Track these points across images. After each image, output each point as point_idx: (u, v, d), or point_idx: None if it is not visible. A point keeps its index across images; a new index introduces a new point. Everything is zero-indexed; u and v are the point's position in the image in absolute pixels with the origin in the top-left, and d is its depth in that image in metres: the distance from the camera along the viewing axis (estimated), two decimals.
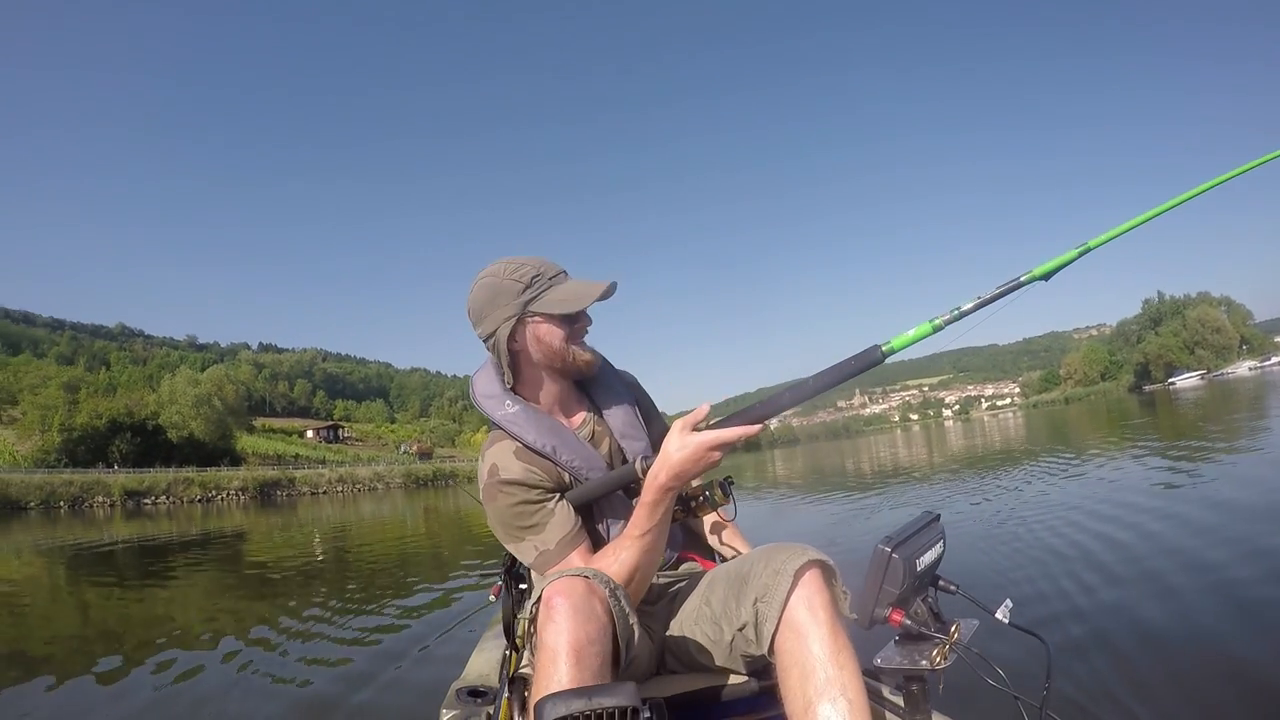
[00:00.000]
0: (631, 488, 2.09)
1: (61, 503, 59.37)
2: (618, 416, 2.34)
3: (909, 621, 1.94)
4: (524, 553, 2.09)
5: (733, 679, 2.07)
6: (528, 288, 2.11)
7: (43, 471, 68.97)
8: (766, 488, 23.99)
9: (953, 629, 1.94)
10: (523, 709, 1.55)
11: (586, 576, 1.70)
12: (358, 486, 77.12)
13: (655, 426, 2.44)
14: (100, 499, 62.15)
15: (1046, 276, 1.77)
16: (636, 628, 1.77)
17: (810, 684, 1.66)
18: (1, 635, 9.00)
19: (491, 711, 2.31)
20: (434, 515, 30.29)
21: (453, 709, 2.39)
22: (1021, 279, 1.75)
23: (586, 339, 2.23)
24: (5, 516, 47.59)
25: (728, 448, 1.87)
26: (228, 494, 69.08)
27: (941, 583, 2.11)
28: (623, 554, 1.92)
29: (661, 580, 2.32)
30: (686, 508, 2.09)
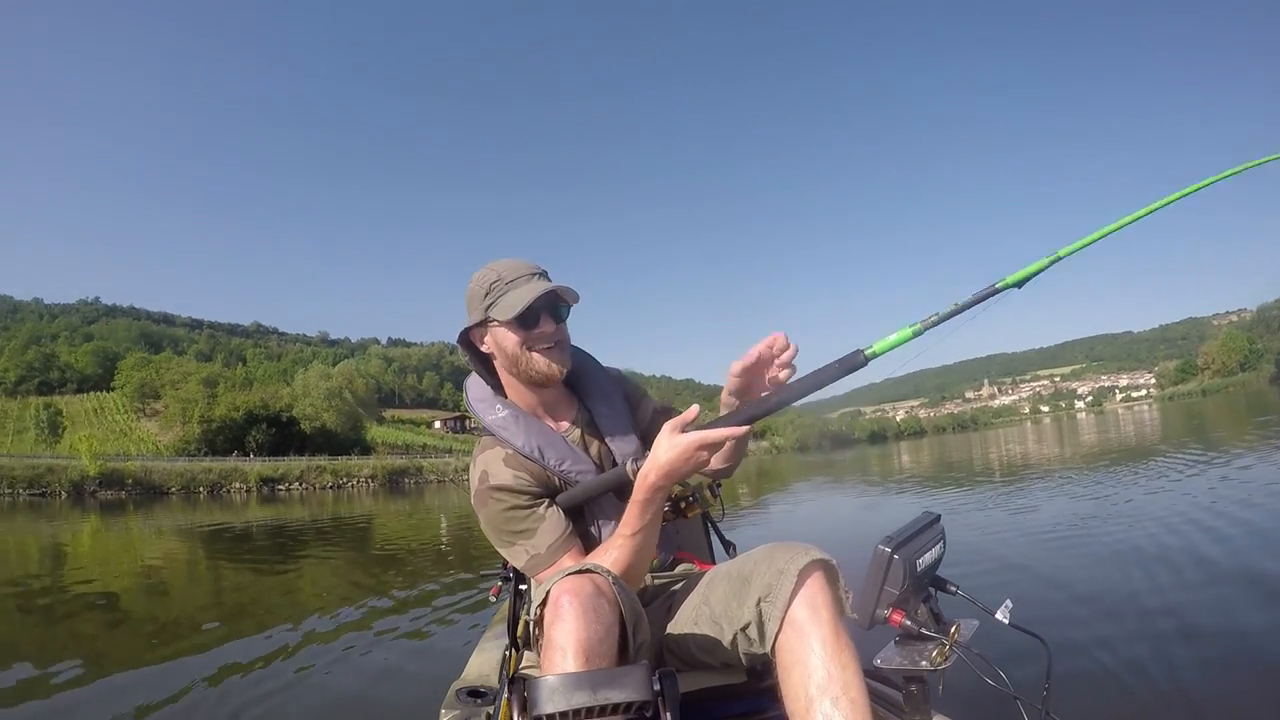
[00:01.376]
0: (623, 490, 2.08)
1: (201, 488, 62.44)
2: (607, 418, 2.34)
3: (909, 622, 1.96)
4: (515, 557, 2.11)
5: (732, 678, 2.08)
6: (488, 293, 2.12)
7: (184, 460, 73.03)
8: (881, 480, 23.59)
9: (953, 629, 1.95)
10: (523, 709, 1.53)
11: (591, 572, 1.72)
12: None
13: (645, 407, 2.46)
14: (237, 485, 64.91)
15: (1020, 284, 1.82)
16: (643, 615, 1.81)
17: (812, 683, 1.67)
18: (142, 607, 9.86)
19: (491, 712, 2.33)
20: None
21: (452, 709, 2.41)
22: (997, 286, 1.82)
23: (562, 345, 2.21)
24: (149, 501, 50.58)
25: (716, 447, 1.86)
26: (358, 481, 70.90)
27: (942, 583, 2.13)
28: (613, 552, 1.94)
29: (658, 581, 2.36)
30: (676, 509, 2.13)
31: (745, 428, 1.88)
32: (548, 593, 1.68)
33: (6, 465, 59.79)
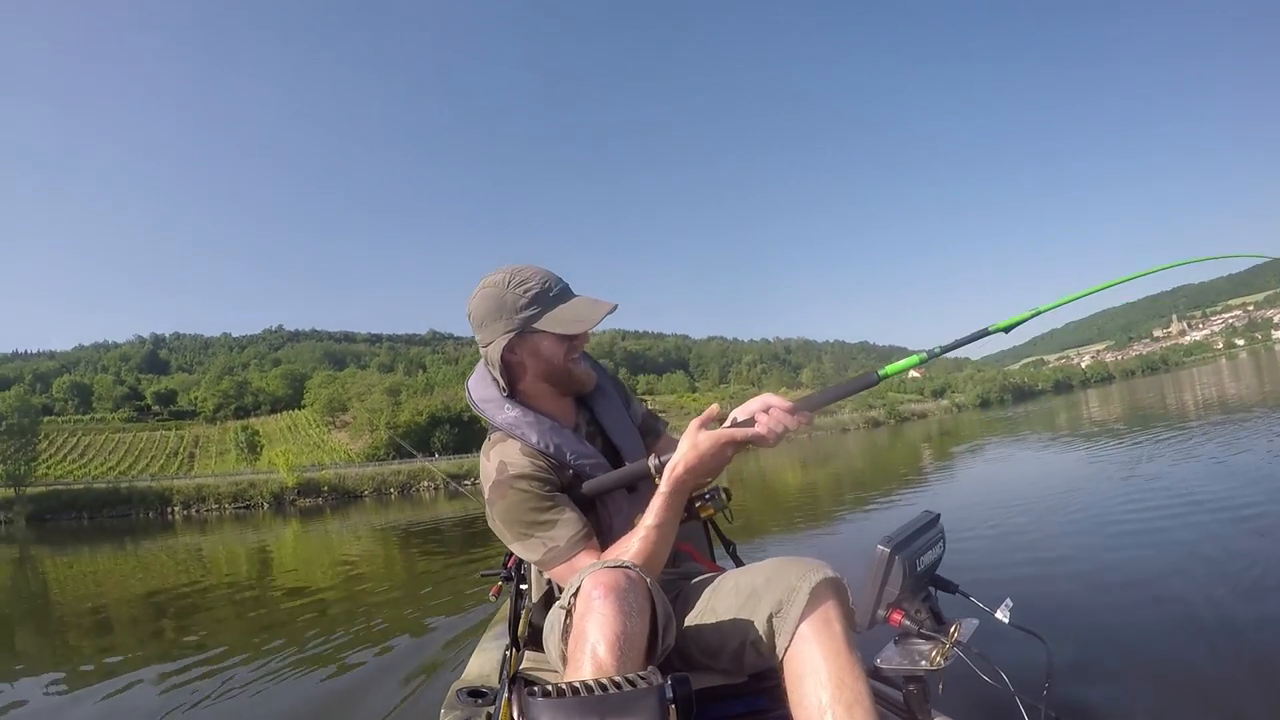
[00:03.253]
0: (636, 486, 2.18)
1: (391, 490, 65.67)
2: (609, 414, 2.39)
3: (909, 622, 1.98)
4: (531, 550, 2.08)
5: (733, 678, 2.08)
6: (531, 304, 2.11)
7: (374, 465, 77.98)
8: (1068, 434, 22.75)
9: (952, 629, 1.95)
10: (523, 710, 1.41)
11: (626, 567, 1.72)
12: None
13: (635, 407, 2.53)
14: (425, 484, 67.74)
15: (1007, 329, 2.01)
16: (673, 616, 1.82)
17: (825, 692, 1.68)
18: (346, 596, 10.80)
19: (492, 712, 2.34)
20: (736, 480, 30.60)
21: (453, 710, 2.42)
22: (989, 329, 2.02)
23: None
24: (345, 505, 54.28)
25: (738, 447, 1.97)
26: None
27: (942, 582, 2.13)
28: (635, 544, 1.96)
29: (665, 576, 2.31)
30: (689, 507, 2.14)
31: (765, 432, 1.96)
32: (580, 584, 1.69)
33: (213, 484, 66.35)
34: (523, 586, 2.52)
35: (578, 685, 1.32)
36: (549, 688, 1.32)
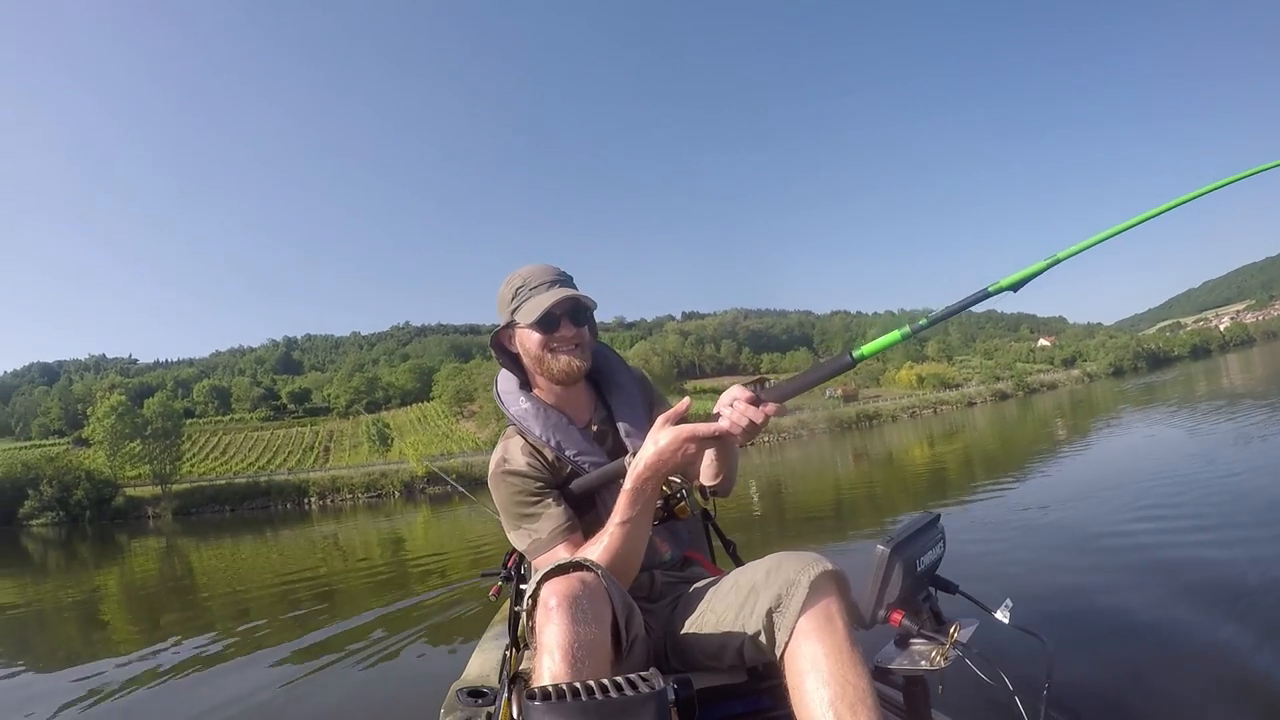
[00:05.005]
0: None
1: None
2: (625, 414, 2.48)
3: (909, 622, 1.97)
4: (520, 540, 2.27)
5: (734, 677, 2.10)
6: (514, 297, 2.31)
7: None
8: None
9: (952, 629, 1.94)
10: (523, 710, 1.36)
11: (581, 567, 1.77)
12: (783, 435, 77.09)
13: (660, 409, 2.43)
14: None
15: (1015, 287, 1.76)
16: (635, 606, 1.89)
17: (829, 690, 1.68)
18: (464, 574, 11.63)
19: (491, 712, 2.37)
20: (863, 458, 30.34)
21: (453, 710, 2.45)
22: (989, 289, 1.76)
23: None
24: (473, 491, 53.12)
25: (704, 442, 1.93)
26: None
27: (942, 583, 2.12)
28: (605, 539, 2.02)
29: (666, 579, 2.40)
30: (667, 507, 2.14)
31: (728, 426, 1.90)
32: (538, 592, 1.73)
33: (346, 475, 70.11)
34: (522, 587, 2.52)
35: (578, 687, 1.29)
36: (548, 689, 1.29)
